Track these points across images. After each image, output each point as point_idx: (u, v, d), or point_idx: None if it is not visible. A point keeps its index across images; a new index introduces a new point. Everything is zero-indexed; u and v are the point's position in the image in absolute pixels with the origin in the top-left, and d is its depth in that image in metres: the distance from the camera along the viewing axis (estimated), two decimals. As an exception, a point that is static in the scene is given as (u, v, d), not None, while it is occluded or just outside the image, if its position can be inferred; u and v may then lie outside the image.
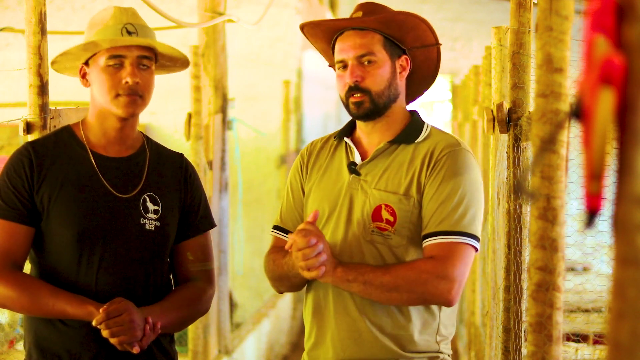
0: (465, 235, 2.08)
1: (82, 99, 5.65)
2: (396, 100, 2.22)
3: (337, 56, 2.20)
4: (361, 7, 2.21)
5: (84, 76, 2.20)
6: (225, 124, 4.80)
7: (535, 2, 2.07)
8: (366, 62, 2.16)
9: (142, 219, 2.20)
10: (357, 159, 2.23)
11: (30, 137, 2.49)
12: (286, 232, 2.28)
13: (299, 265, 2.04)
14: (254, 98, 7.65)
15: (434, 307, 2.18)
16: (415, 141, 2.20)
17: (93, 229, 2.14)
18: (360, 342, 2.15)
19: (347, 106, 2.20)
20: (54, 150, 2.18)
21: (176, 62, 2.30)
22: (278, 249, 2.26)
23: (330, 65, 2.34)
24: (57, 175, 2.15)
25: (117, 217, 2.17)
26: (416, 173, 2.15)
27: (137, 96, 2.15)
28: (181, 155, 2.38)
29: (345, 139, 2.27)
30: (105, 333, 2.05)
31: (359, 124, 2.26)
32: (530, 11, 2.42)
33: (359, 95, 2.15)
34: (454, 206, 2.09)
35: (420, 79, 2.31)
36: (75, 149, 2.20)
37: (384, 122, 2.22)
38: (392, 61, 2.20)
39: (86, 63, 2.19)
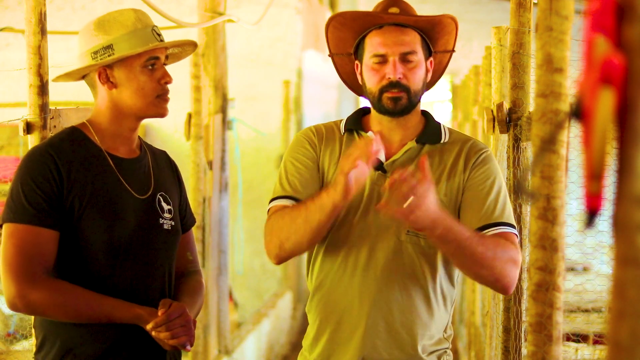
0: (514, 227, 2.14)
1: (82, 99, 5.64)
2: (420, 99, 2.23)
3: (376, 49, 2.16)
4: (394, 2, 2.19)
5: (107, 79, 2.17)
6: (225, 124, 4.80)
7: (535, 2, 2.08)
8: (407, 61, 2.15)
9: (160, 219, 2.22)
10: (381, 156, 2.18)
11: (31, 137, 2.49)
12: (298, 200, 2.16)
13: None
14: (254, 98, 7.65)
15: (449, 304, 2.20)
16: (441, 142, 2.21)
17: (125, 233, 2.14)
18: (387, 337, 2.15)
19: (379, 100, 2.16)
20: (74, 154, 2.15)
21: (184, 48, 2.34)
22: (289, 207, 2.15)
23: (331, 55, 2.31)
24: (85, 179, 2.12)
25: (141, 219, 2.18)
26: (452, 175, 2.16)
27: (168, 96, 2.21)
28: (165, 152, 2.42)
29: (370, 134, 2.21)
30: (164, 335, 2.06)
31: (379, 119, 2.22)
32: (530, 11, 2.42)
33: (396, 90, 2.14)
34: (503, 200, 2.14)
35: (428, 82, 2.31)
36: (92, 151, 2.17)
37: (405, 119, 2.20)
38: (426, 62, 2.21)
39: (108, 66, 2.16)
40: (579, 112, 0.90)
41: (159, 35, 2.19)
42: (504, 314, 2.49)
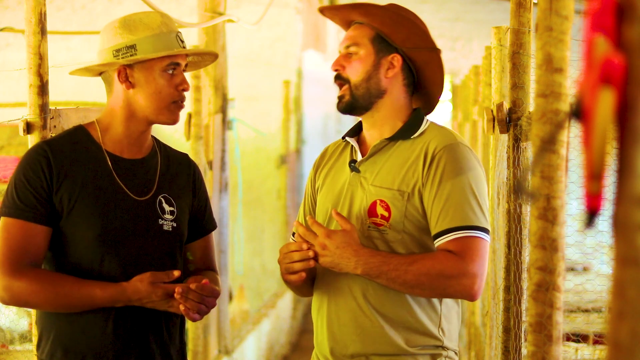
0: (477, 229, 2.09)
1: (82, 99, 5.64)
2: (382, 96, 2.23)
3: None
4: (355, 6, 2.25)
5: (126, 78, 2.17)
6: (225, 124, 4.80)
7: (535, 2, 2.08)
8: (349, 54, 2.23)
9: (159, 219, 2.23)
10: (359, 156, 2.26)
11: (30, 137, 2.49)
12: None
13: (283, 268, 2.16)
14: (254, 98, 7.65)
15: (435, 300, 2.18)
16: (412, 137, 2.22)
17: (113, 232, 2.15)
18: (364, 336, 2.16)
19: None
20: (71, 151, 2.17)
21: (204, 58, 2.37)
22: None
23: None
24: (76, 176, 2.14)
25: (136, 219, 2.19)
26: (412, 169, 2.17)
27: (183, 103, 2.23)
28: (186, 155, 2.42)
29: (348, 138, 2.30)
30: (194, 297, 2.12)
31: (362, 121, 2.31)
32: (530, 11, 2.42)
33: (338, 82, 2.23)
34: (461, 202, 2.09)
35: (429, 83, 2.30)
36: (92, 150, 2.19)
37: (375, 118, 2.24)
38: (378, 57, 2.21)
39: (129, 65, 2.16)
40: (579, 112, 0.90)
41: (182, 42, 2.21)
42: (504, 314, 2.49)
